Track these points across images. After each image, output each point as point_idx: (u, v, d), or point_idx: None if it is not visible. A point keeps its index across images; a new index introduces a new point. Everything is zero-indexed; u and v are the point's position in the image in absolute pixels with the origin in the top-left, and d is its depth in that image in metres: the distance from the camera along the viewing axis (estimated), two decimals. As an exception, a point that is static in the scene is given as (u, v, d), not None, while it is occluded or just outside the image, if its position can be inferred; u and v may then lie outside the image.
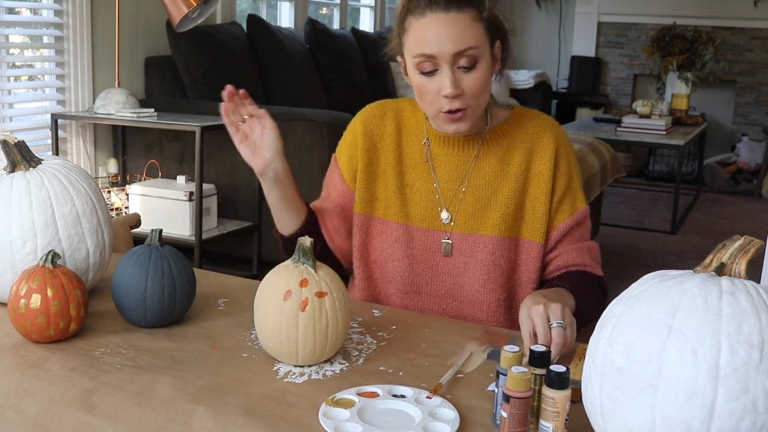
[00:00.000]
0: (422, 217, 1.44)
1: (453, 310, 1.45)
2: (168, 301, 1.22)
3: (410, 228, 1.45)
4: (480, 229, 1.43)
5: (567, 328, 1.18)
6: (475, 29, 1.30)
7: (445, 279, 1.45)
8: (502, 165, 1.43)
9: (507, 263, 1.43)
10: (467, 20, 1.29)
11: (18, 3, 3.39)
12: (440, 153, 1.45)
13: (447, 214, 1.43)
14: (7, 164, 1.31)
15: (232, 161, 3.52)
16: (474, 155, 1.43)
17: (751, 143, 6.84)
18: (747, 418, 0.76)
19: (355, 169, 1.49)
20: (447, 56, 1.29)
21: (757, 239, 0.87)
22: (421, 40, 1.30)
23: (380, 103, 1.52)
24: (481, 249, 1.42)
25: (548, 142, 1.43)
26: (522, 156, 1.43)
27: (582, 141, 4.02)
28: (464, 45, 1.29)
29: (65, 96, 3.48)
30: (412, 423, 0.97)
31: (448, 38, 1.28)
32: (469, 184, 1.43)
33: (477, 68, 1.31)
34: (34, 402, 1.02)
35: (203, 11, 3.41)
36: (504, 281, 1.43)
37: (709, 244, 4.66)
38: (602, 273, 1.48)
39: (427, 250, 1.45)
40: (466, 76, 1.31)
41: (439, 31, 1.28)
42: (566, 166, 1.44)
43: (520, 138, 1.44)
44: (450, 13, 1.28)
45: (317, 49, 4.84)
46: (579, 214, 1.45)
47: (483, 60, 1.32)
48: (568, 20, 7.72)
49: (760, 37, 7.06)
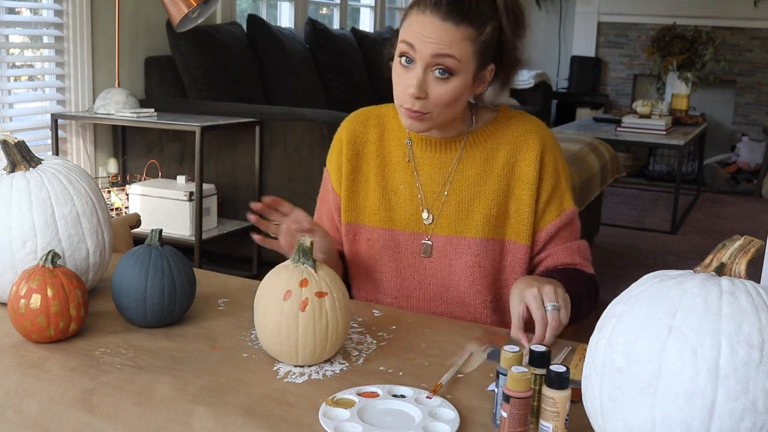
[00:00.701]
0: (407, 221, 1.45)
1: (442, 313, 1.46)
2: (168, 301, 1.22)
3: (395, 233, 1.46)
4: (464, 231, 1.43)
5: (561, 309, 1.21)
6: (463, 46, 1.30)
7: (432, 282, 1.45)
8: (485, 166, 1.43)
9: (492, 265, 1.43)
10: (459, 35, 1.29)
11: (18, 3, 3.39)
12: (423, 155, 1.45)
13: (428, 214, 1.44)
14: (7, 164, 1.31)
15: (232, 161, 3.53)
16: (457, 157, 1.44)
17: (751, 143, 6.85)
18: (747, 418, 0.76)
19: (341, 178, 1.51)
20: (424, 55, 1.29)
21: (757, 239, 0.87)
22: (410, 29, 1.32)
23: (364, 111, 1.54)
24: (465, 251, 1.43)
25: (533, 143, 1.42)
26: (505, 157, 1.43)
27: (582, 141, 4.02)
28: (445, 51, 1.29)
29: (65, 96, 3.48)
30: (412, 423, 0.97)
31: (432, 40, 1.29)
32: (452, 187, 1.43)
33: (450, 81, 1.31)
34: (34, 402, 1.02)
35: (203, 11, 3.41)
36: (490, 282, 1.44)
37: (709, 244, 4.66)
38: (593, 271, 1.48)
39: (413, 254, 1.46)
40: (436, 84, 1.31)
41: (428, 32, 1.29)
42: (552, 168, 1.43)
43: (504, 139, 1.44)
44: (446, 23, 1.28)
45: (317, 49, 4.84)
46: (567, 215, 1.45)
47: (460, 75, 1.31)
48: (568, 20, 7.73)
49: (760, 37, 7.06)
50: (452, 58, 1.29)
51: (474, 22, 1.30)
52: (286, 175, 3.45)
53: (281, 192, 3.47)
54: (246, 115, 3.47)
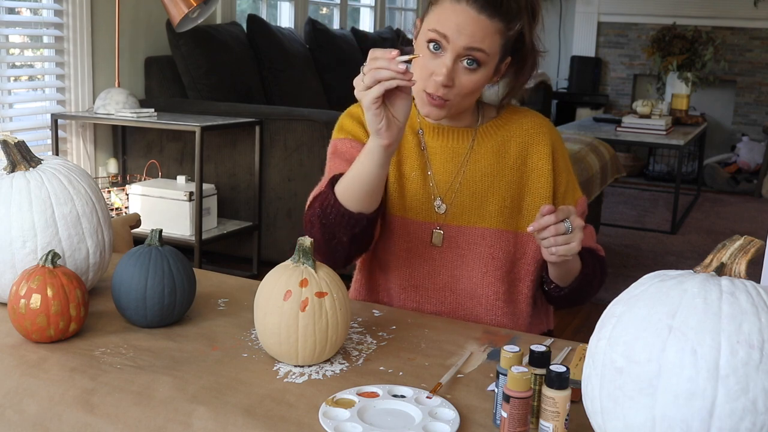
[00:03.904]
0: (418, 209, 1.45)
1: (451, 304, 1.45)
2: (168, 301, 1.22)
3: (407, 221, 1.45)
4: (478, 221, 1.44)
5: (576, 233, 1.26)
6: (494, 39, 1.32)
7: (443, 272, 1.45)
8: (497, 158, 1.45)
9: (505, 256, 1.44)
10: (492, 28, 1.31)
11: (18, 3, 3.39)
12: (435, 144, 1.46)
13: (441, 203, 1.44)
14: (7, 164, 1.31)
15: (232, 161, 3.53)
16: (468, 147, 1.45)
17: (751, 143, 6.85)
18: (747, 418, 0.76)
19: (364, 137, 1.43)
20: (457, 46, 1.31)
21: (757, 239, 0.87)
22: (443, 19, 1.32)
23: None
24: (479, 241, 1.43)
25: (544, 138, 1.46)
26: (517, 149, 1.45)
27: (582, 141, 4.02)
28: (477, 45, 1.31)
29: (65, 96, 3.48)
30: (412, 423, 0.97)
31: (467, 33, 1.30)
32: (465, 177, 1.44)
33: (477, 72, 1.33)
34: (34, 402, 1.02)
35: (203, 11, 3.42)
36: (503, 274, 1.44)
37: (709, 244, 4.67)
38: (604, 254, 1.52)
39: (423, 243, 1.45)
40: (463, 73, 1.33)
41: (463, 23, 1.30)
42: (564, 162, 1.48)
43: (514, 132, 1.46)
44: (481, 15, 1.30)
45: (317, 49, 4.85)
46: (580, 204, 1.49)
47: (486, 67, 1.34)
48: (568, 20, 7.73)
49: (760, 37, 7.06)
50: (482, 52, 1.31)
51: (506, 17, 1.32)
52: (286, 175, 3.45)
53: (281, 192, 3.47)
54: (246, 115, 3.48)
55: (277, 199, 3.49)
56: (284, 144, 3.43)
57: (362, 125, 1.47)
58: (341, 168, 1.42)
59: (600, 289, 1.48)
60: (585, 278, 1.41)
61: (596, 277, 1.44)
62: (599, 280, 1.46)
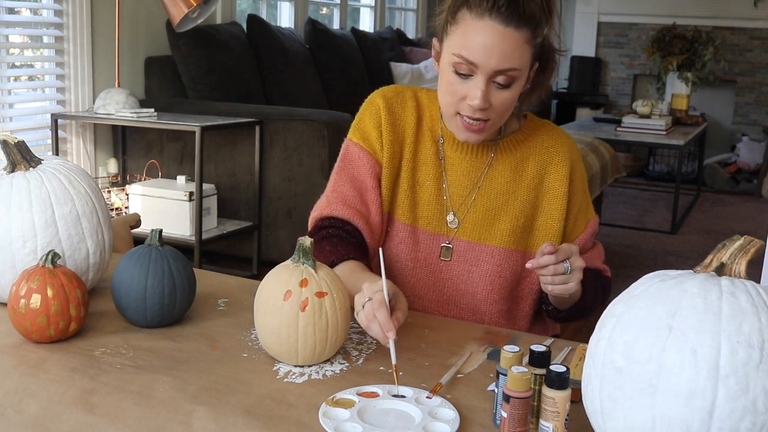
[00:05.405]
0: (429, 219, 1.42)
1: (453, 317, 1.44)
2: (168, 301, 1.22)
3: (416, 230, 1.43)
4: (488, 239, 1.41)
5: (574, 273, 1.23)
6: (523, 51, 1.26)
7: (448, 285, 1.43)
8: (515, 175, 1.41)
9: (512, 275, 1.42)
10: (520, 40, 1.24)
11: (18, 3, 3.39)
12: (453, 156, 1.42)
13: (453, 217, 1.42)
14: (7, 164, 1.31)
15: (232, 161, 3.53)
16: (487, 163, 1.41)
17: (751, 143, 6.85)
18: (747, 418, 0.76)
19: (382, 145, 1.41)
20: (488, 69, 1.25)
21: (757, 239, 0.87)
22: (468, 43, 1.25)
23: (397, 87, 1.46)
24: (488, 259, 1.41)
25: (563, 158, 1.41)
26: (535, 168, 1.41)
27: (582, 141, 4.02)
28: (508, 65, 1.25)
29: (65, 96, 3.48)
30: (412, 423, 0.97)
31: (496, 53, 1.24)
32: (480, 192, 1.41)
33: (511, 88, 1.28)
34: (34, 402, 1.02)
35: (203, 11, 3.42)
36: (507, 293, 1.43)
37: (709, 244, 4.66)
38: (610, 275, 1.50)
39: (431, 254, 1.43)
40: (497, 92, 1.28)
41: (490, 43, 1.23)
42: (581, 183, 1.44)
43: (533, 149, 1.42)
44: (507, 28, 1.23)
45: (317, 49, 4.84)
46: (591, 225, 1.46)
47: (519, 81, 1.29)
48: (568, 20, 7.72)
49: (760, 37, 7.06)
50: (514, 70, 1.26)
51: (531, 23, 1.25)
52: (286, 175, 3.45)
53: (281, 192, 3.47)
54: (246, 115, 3.48)
55: (277, 199, 3.49)
56: (284, 144, 3.43)
57: (379, 128, 1.41)
58: (345, 183, 1.41)
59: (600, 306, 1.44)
60: (584, 304, 1.39)
61: (597, 302, 1.41)
62: (600, 302, 1.42)
